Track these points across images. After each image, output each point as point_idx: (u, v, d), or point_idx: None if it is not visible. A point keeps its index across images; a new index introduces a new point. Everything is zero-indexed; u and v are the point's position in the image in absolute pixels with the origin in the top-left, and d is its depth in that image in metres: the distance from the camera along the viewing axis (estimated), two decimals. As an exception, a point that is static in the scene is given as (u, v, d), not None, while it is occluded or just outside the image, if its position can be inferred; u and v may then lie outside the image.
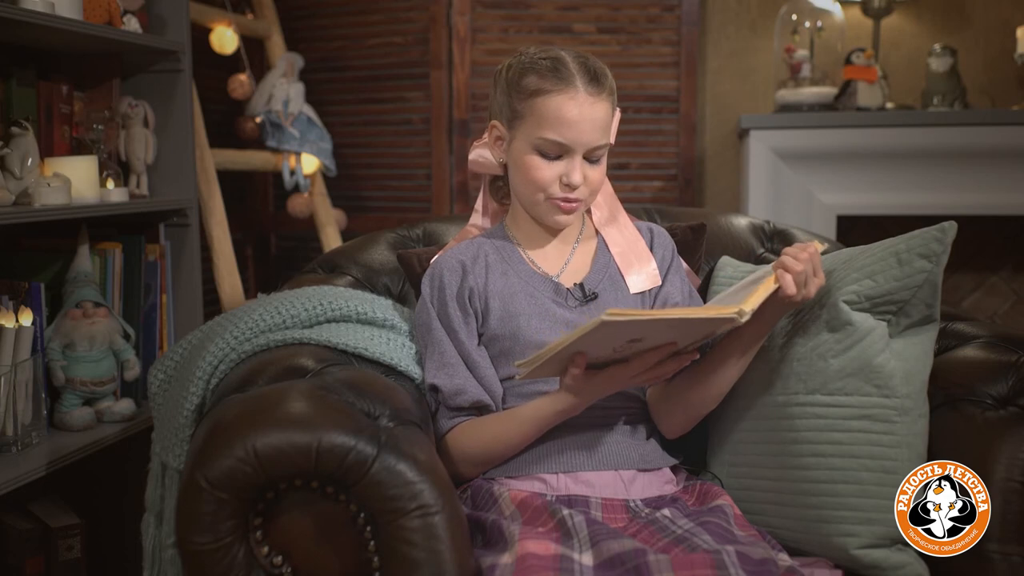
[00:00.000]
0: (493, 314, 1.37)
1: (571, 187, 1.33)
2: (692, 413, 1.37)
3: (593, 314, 1.36)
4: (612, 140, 1.42)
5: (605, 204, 1.49)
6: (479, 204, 1.55)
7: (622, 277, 1.42)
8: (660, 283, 1.43)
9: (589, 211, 1.49)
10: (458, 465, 1.33)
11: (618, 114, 1.42)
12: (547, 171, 1.34)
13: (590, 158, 1.34)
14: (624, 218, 1.49)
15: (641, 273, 1.43)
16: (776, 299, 1.24)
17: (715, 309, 1.20)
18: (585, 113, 1.31)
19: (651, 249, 1.45)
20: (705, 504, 1.28)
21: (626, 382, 1.25)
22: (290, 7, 3.07)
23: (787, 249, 1.26)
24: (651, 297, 1.43)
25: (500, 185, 1.50)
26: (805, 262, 1.23)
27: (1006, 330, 1.40)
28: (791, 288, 1.22)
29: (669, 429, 1.39)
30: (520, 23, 2.94)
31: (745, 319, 1.17)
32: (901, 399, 1.22)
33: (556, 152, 1.33)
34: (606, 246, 1.45)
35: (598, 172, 1.36)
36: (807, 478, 1.23)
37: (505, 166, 1.41)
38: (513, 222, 1.45)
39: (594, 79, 1.32)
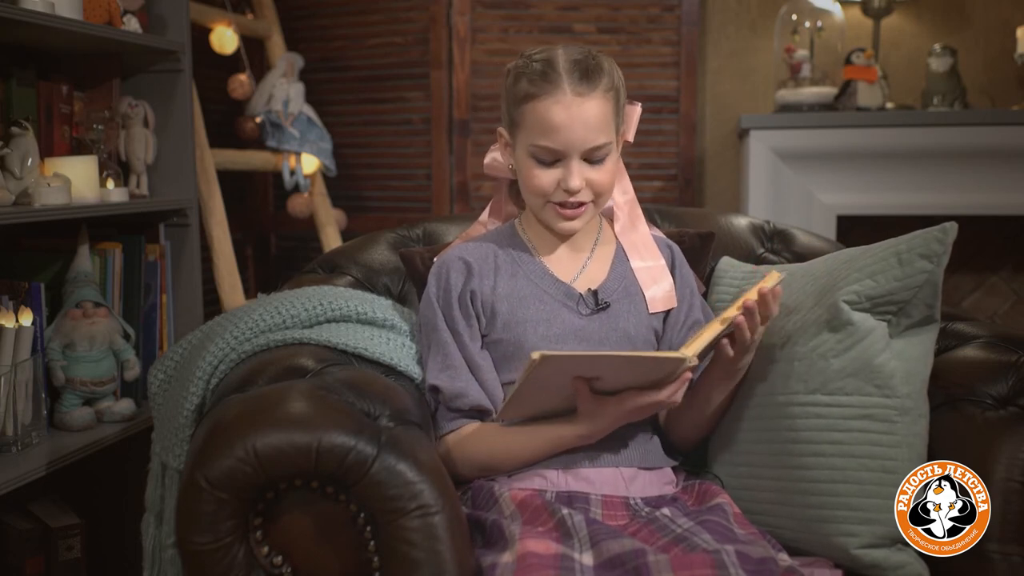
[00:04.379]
0: (500, 318, 1.36)
1: (570, 192, 1.31)
2: (690, 435, 1.39)
3: (604, 323, 1.36)
4: (630, 137, 1.40)
5: (625, 209, 1.46)
6: (491, 206, 1.53)
7: (639, 290, 1.40)
8: (676, 305, 1.41)
9: (610, 220, 1.46)
10: (458, 467, 1.32)
11: (637, 109, 1.40)
12: (545, 178, 1.31)
13: (591, 159, 1.31)
14: (644, 228, 1.46)
15: (660, 292, 1.41)
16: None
17: (662, 353, 1.21)
18: (574, 115, 1.27)
19: (672, 270, 1.44)
20: (704, 503, 1.28)
21: (637, 408, 1.24)
22: (290, 7, 3.07)
23: (749, 296, 1.24)
24: (681, 327, 1.41)
25: (518, 189, 1.48)
26: (763, 307, 1.24)
27: (1006, 330, 1.40)
28: (745, 334, 1.24)
29: (679, 445, 1.41)
30: (520, 23, 2.94)
31: (692, 364, 1.19)
32: (901, 399, 1.22)
33: (551, 158, 1.30)
34: (624, 255, 1.43)
35: (602, 173, 1.32)
36: (807, 478, 1.23)
37: (514, 171, 1.39)
38: (528, 226, 1.43)
39: (584, 77, 1.28)
